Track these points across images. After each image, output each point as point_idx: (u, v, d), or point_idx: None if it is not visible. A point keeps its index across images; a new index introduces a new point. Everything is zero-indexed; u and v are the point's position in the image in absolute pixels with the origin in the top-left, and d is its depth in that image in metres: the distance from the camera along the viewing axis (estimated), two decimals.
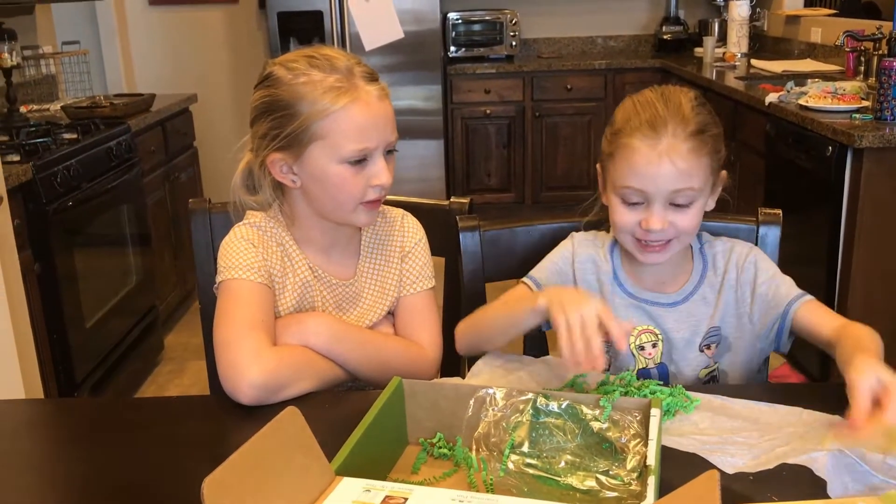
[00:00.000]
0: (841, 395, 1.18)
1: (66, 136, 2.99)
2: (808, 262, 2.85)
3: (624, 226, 1.29)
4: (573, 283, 1.38)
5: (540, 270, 1.39)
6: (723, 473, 0.98)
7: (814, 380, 2.88)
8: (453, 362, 1.53)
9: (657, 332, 1.35)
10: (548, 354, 1.41)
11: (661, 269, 1.36)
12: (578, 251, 1.39)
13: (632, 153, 1.24)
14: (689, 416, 1.12)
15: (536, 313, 1.18)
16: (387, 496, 0.88)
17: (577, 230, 1.46)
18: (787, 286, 1.32)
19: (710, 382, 1.36)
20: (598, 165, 1.36)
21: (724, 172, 1.32)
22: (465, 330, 1.35)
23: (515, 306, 1.25)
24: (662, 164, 1.22)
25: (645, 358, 1.35)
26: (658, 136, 1.23)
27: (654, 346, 1.35)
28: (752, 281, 1.34)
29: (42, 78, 3.84)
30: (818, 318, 1.27)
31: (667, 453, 1.03)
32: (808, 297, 1.30)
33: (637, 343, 1.35)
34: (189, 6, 4.95)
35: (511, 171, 4.94)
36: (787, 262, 1.46)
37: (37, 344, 2.30)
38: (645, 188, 1.24)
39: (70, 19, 4.39)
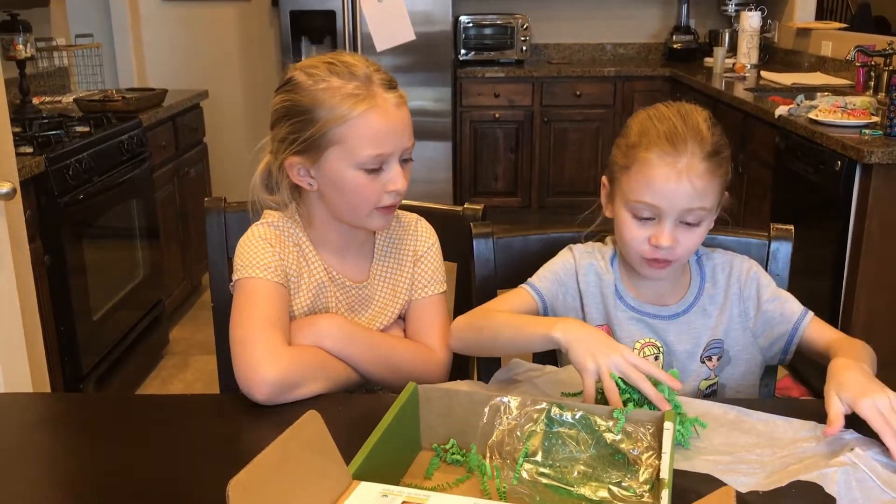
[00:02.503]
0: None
1: (79, 129, 2.99)
2: (813, 275, 2.86)
3: (632, 241, 1.29)
4: (577, 295, 1.39)
5: (541, 280, 1.39)
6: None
7: (815, 392, 2.89)
8: (463, 365, 1.54)
9: (658, 344, 1.36)
10: (556, 364, 1.42)
11: (661, 283, 1.37)
12: (581, 263, 1.39)
13: (650, 168, 1.25)
14: (703, 430, 1.12)
15: (547, 341, 1.18)
16: (404, 501, 0.89)
17: (576, 241, 1.46)
18: (791, 303, 1.35)
19: (711, 396, 1.37)
20: (604, 177, 1.37)
21: (726, 193, 1.34)
22: (465, 329, 1.34)
23: (524, 327, 1.24)
24: (681, 183, 1.23)
25: None
26: (678, 154, 1.24)
27: (655, 358, 1.36)
28: (756, 297, 1.36)
29: (55, 70, 3.85)
30: (821, 334, 1.33)
31: (678, 470, 1.03)
32: (811, 313, 1.35)
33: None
34: (202, 2, 4.96)
35: (518, 176, 4.95)
36: (793, 275, 1.47)
37: (44, 335, 2.31)
38: (660, 204, 1.25)
39: (84, 12, 4.41)
